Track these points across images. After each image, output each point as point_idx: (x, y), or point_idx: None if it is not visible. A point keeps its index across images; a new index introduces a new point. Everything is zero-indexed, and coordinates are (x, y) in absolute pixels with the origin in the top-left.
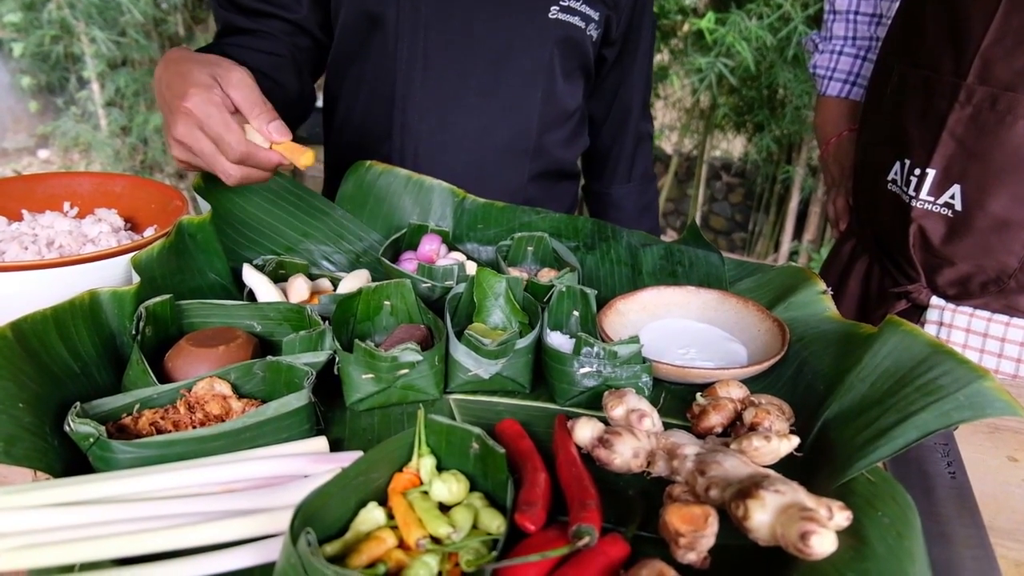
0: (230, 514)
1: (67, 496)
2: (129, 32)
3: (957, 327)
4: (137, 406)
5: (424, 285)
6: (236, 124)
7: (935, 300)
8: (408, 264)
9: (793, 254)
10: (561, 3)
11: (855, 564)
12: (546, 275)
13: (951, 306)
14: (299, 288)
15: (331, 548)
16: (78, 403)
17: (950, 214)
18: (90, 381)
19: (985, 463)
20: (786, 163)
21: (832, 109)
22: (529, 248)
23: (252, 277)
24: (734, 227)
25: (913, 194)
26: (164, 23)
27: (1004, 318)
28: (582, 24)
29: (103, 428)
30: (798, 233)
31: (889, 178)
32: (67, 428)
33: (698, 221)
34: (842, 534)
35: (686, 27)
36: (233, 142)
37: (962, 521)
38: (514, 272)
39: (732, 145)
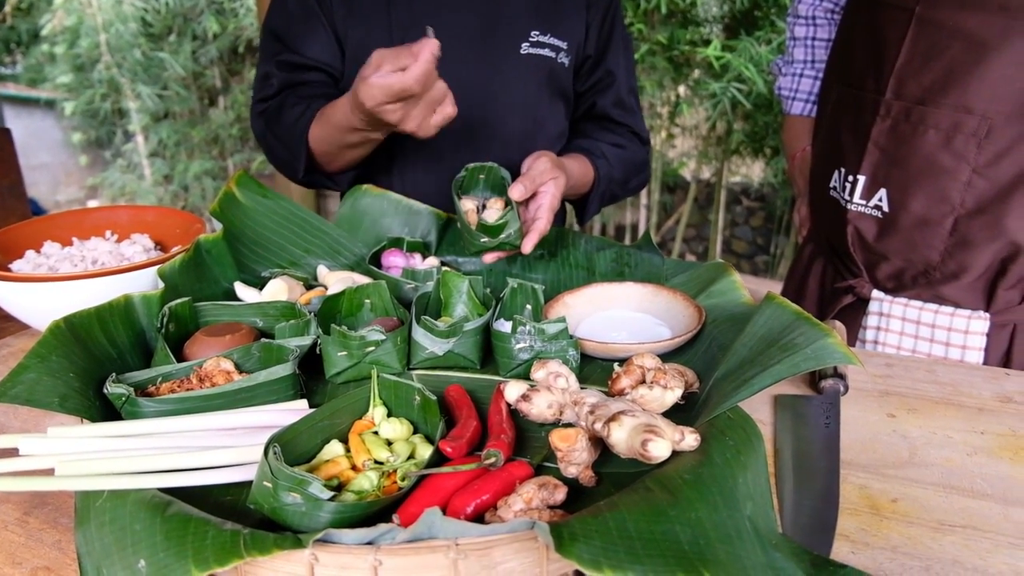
0: (224, 447)
1: (108, 432)
2: (171, 86)
3: (894, 316)
4: (160, 378)
5: (408, 286)
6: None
7: (876, 293)
8: (395, 270)
9: None
10: (531, 39)
11: (694, 469)
12: (494, 205)
13: (889, 298)
14: (275, 289)
15: (297, 470)
16: (114, 373)
17: (879, 215)
18: (124, 365)
19: (866, 418)
20: None
21: (796, 126)
22: (481, 176)
23: (242, 291)
24: (756, 251)
25: (848, 198)
26: (202, 76)
27: (933, 306)
28: (552, 54)
29: (132, 390)
30: None
31: (831, 185)
32: (105, 390)
33: (719, 246)
34: (692, 452)
35: (698, 57)
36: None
37: (822, 455)
38: (468, 201)
39: (751, 170)
